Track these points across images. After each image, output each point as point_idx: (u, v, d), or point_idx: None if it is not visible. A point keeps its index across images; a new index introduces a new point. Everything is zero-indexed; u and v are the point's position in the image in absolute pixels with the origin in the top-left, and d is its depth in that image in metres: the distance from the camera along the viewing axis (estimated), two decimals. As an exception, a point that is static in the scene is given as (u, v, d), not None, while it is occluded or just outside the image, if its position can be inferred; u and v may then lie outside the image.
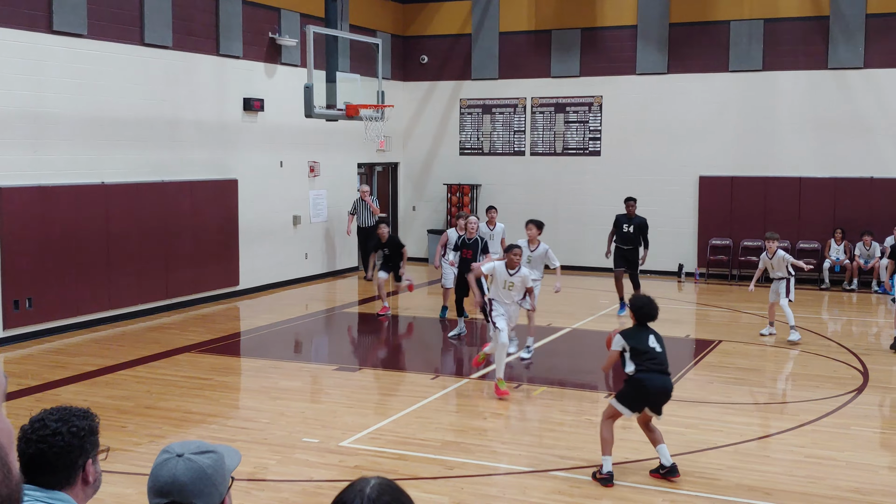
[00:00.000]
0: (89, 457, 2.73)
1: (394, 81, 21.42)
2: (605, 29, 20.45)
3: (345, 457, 8.20)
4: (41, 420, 2.72)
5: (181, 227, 15.50)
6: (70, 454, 2.68)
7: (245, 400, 10.50)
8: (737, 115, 19.53)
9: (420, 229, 22.41)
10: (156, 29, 14.88)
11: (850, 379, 11.15)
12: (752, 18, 19.24)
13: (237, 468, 2.64)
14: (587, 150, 20.83)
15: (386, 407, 9.82)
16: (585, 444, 8.64)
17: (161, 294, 15.20)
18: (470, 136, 21.92)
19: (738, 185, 19.54)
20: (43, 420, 2.72)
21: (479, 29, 21.51)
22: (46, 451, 2.66)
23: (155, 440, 8.58)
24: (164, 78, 15.14)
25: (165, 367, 11.63)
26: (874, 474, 7.84)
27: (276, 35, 17.56)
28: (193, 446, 2.53)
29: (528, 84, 21.20)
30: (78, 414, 2.76)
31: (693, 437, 9.01)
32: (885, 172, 18.55)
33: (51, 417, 2.72)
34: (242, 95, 16.83)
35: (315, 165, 18.91)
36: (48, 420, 2.71)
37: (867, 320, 15.93)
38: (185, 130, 15.64)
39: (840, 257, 18.55)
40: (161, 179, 15.12)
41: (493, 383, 10.40)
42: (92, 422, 2.78)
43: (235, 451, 2.69)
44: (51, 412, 2.75)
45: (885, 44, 18.41)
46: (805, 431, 9.03)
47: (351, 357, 13.38)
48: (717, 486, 7.55)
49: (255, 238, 17.37)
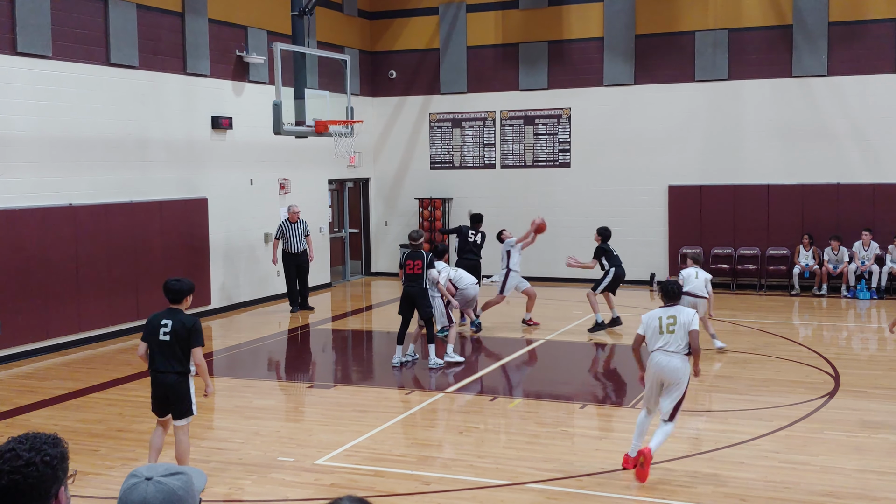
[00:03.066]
0: (62, 484, 2.69)
1: (362, 97, 21.43)
2: (571, 41, 20.58)
3: (321, 475, 8.15)
4: (12, 450, 2.67)
5: (151, 247, 15.38)
6: (44, 484, 2.64)
7: (219, 420, 10.40)
8: (704, 124, 19.71)
9: (392, 244, 22.38)
10: (122, 49, 14.80)
11: (822, 383, 11.24)
12: (716, 28, 19.45)
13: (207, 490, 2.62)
14: (557, 162, 20.92)
15: (361, 424, 9.77)
16: (562, 456, 8.65)
17: (131, 315, 15.06)
18: (440, 150, 21.95)
19: (707, 193, 19.69)
20: (14, 450, 2.67)
21: (446, 43, 21.58)
22: (21, 482, 2.61)
23: (128, 463, 8.48)
24: (131, 98, 15.05)
25: (137, 388, 11.50)
26: (847, 478, 7.90)
27: (243, 53, 17.52)
28: (161, 469, 2.51)
29: (497, 97, 21.28)
30: (48, 442, 2.72)
31: (668, 445, 9.03)
32: (850, 178, 18.77)
33: (21, 447, 2.67)
34: (210, 114, 16.77)
35: (285, 182, 18.85)
36: (19, 450, 2.66)
37: (837, 325, 16.08)
38: (153, 150, 15.55)
39: (809, 263, 18.73)
40: (130, 200, 15.01)
41: None
42: (63, 448, 2.74)
43: (201, 472, 2.68)
44: (20, 441, 2.69)
45: (848, 51, 18.67)
46: (779, 437, 9.09)
47: (325, 374, 13.31)
48: (693, 493, 7.58)
49: (226, 256, 17.28)
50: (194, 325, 7.64)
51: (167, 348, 7.63)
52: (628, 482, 7.84)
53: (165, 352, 7.64)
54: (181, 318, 7.64)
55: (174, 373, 7.63)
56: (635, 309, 17.53)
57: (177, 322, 7.61)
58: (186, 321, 7.62)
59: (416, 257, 12.27)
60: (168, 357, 7.64)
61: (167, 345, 7.62)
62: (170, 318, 7.65)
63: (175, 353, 7.62)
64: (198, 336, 7.64)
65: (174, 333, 7.59)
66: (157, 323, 7.66)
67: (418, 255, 12.28)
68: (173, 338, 7.59)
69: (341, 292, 20.33)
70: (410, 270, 12.26)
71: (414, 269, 12.22)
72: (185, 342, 7.60)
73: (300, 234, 17.23)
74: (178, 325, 7.60)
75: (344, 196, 21.86)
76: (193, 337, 7.61)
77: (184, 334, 7.59)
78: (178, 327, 7.59)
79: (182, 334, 7.59)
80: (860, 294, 18.06)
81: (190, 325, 7.61)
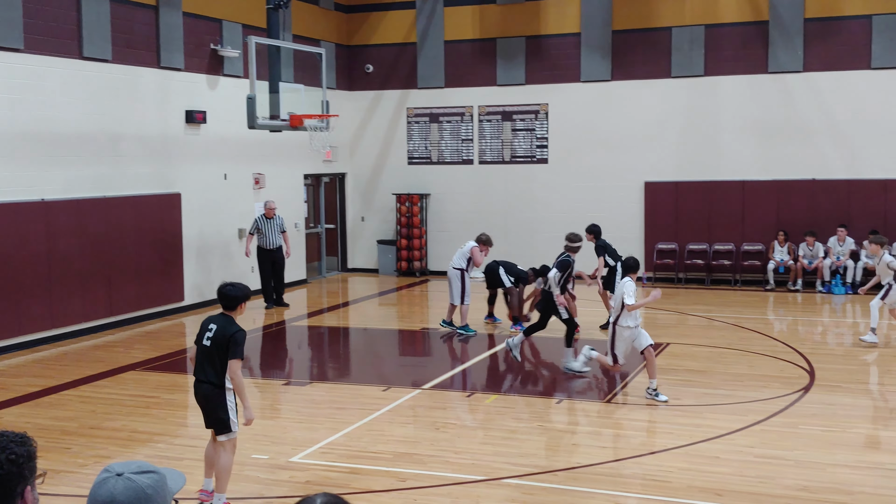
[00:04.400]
0: (28, 483, 2.63)
1: (339, 91, 21.32)
2: (549, 37, 20.57)
3: (295, 472, 8.09)
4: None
5: (124, 242, 15.23)
6: (9, 482, 2.58)
7: (193, 418, 10.30)
8: (680, 120, 19.76)
9: (370, 240, 22.31)
10: (95, 42, 14.63)
11: (797, 378, 11.30)
12: (693, 24, 19.50)
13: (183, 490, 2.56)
14: (535, 158, 20.91)
15: (337, 421, 9.72)
16: (538, 451, 8.63)
17: (104, 311, 14.92)
18: (417, 146, 21.89)
19: (683, 189, 19.75)
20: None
21: (423, 38, 21.51)
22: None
23: (100, 461, 8.38)
24: (104, 92, 14.89)
25: (110, 385, 11.40)
26: (822, 472, 7.94)
27: (217, 46, 17.37)
28: (134, 466, 2.46)
29: (475, 92, 21.23)
30: (15, 440, 2.66)
31: (643, 439, 9.05)
32: (826, 174, 18.88)
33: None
34: (185, 108, 16.62)
35: (260, 177, 18.72)
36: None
37: (812, 320, 16.18)
38: (126, 145, 15.39)
39: (784, 259, 18.83)
40: (103, 195, 14.86)
41: None
42: (30, 447, 2.68)
43: (179, 474, 2.61)
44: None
45: (823, 47, 18.77)
46: (754, 431, 9.11)
47: (300, 371, 13.24)
48: (668, 488, 7.58)
49: (200, 252, 17.14)
50: (234, 336, 7.03)
51: (207, 355, 7.13)
52: (603, 477, 7.83)
53: (205, 358, 7.14)
54: (225, 325, 7.11)
55: (208, 383, 7.13)
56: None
57: (220, 329, 7.10)
58: (228, 329, 7.06)
59: None
60: (206, 364, 7.13)
61: (207, 351, 7.12)
62: (216, 323, 7.17)
63: (213, 362, 7.09)
64: (236, 348, 7.01)
65: (214, 340, 7.08)
66: (206, 326, 7.21)
67: None
68: (213, 345, 7.08)
69: (317, 289, 20.23)
70: None
71: None
72: (223, 351, 7.04)
73: (276, 230, 17.06)
74: (219, 333, 7.08)
75: (320, 191, 21.75)
76: (231, 348, 7.01)
77: (222, 343, 7.04)
78: (219, 334, 7.08)
79: (221, 342, 7.05)
80: (835, 289, 18.17)
81: (230, 335, 7.02)
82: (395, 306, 18.23)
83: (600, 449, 8.67)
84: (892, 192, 18.49)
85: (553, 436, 9.33)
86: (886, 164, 18.50)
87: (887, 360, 12.42)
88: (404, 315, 17.33)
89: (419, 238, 21.53)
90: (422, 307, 18.45)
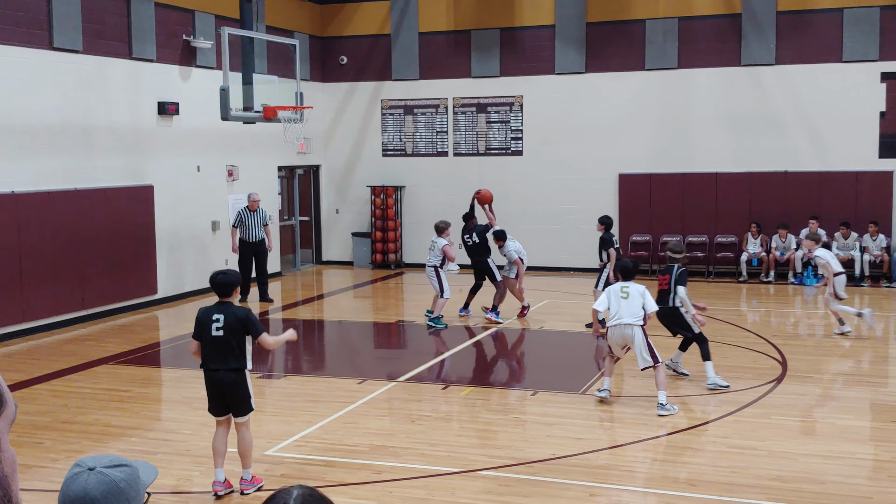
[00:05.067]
0: None
1: (312, 83, 21.22)
2: (523, 29, 20.56)
3: (271, 466, 8.06)
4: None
5: (96, 235, 15.09)
6: None
7: (166, 411, 10.26)
8: (654, 112, 19.83)
9: (344, 232, 22.24)
10: (65, 32, 14.46)
11: (770, 369, 11.39)
12: (666, 17, 19.56)
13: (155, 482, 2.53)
14: (510, 150, 20.92)
15: (312, 414, 9.69)
16: (514, 442, 8.65)
17: (76, 305, 14.78)
18: (392, 138, 21.83)
19: (657, 181, 19.84)
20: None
21: (398, 29, 21.44)
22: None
23: (73, 455, 8.31)
24: (75, 83, 14.73)
25: (83, 380, 11.30)
26: (794, 462, 8.01)
27: (190, 37, 17.23)
28: (106, 460, 2.43)
29: (450, 84, 21.20)
30: None
31: (618, 430, 9.09)
32: (798, 166, 19.03)
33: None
34: (157, 99, 16.47)
35: (233, 169, 18.61)
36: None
37: (785, 311, 16.31)
38: (98, 136, 15.24)
39: (757, 251, 18.97)
40: (74, 187, 14.71)
41: None
42: None
43: (151, 467, 2.59)
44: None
45: (796, 40, 18.89)
46: (727, 422, 9.18)
47: (276, 364, 13.18)
48: (642, 478, 7.62)
49: (173, 245, 17.01)
50: (247, 316, 7.29)
51: (222, 344, 7.25)
52: (579, 468, 7.86)
53: (220, 348, 7.26)
54: (233, 311, 7.28)
55: (230, 370, 7.26)
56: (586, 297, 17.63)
57: (229, 315, 7.24)
58: (238, 313, 7.27)
59: (667, 271, 11.04)
60: (223, 353, 7.25)
61: (221, 340, 7.24)
62: (221, 313, 7.28)
63: (231, 348, 7.23)
64: (255, 325, 7.29)
65: (227, 328, 7.22)
66: (209, 318, 7.29)
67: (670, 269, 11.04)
68: (227, 332, 7.22)
69: (291, 281, 20.16)
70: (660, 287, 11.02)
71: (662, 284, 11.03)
72: (240, 335, 7.24)
73: (259, 223, 16.82)
74: (230, 319, 7.23)
75: (294, 183, 21.65)
76: (251, 328, 7.26)
77: (238, 327, 7.22)
78: (231, 320, 7.22)
79: (236, 327, 7.22)
80: (807, 281, 18.33)
81: (243, 316, 7.26)
82: (370, 299, 18.20)
83: (576, 440, 8.70)
84: (863, 185, 18.67)
85: (528, 427, 9.35)
86: (857, 156, 18.67)
87: (858, 351, 12.55)
88: (379, 308, 17.31)
89: (394, 230, 21.49)
90: (397, 300, 18.43)
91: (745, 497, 7.19)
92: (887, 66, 18.34)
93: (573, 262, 20.25)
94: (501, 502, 7.15)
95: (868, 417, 9.63)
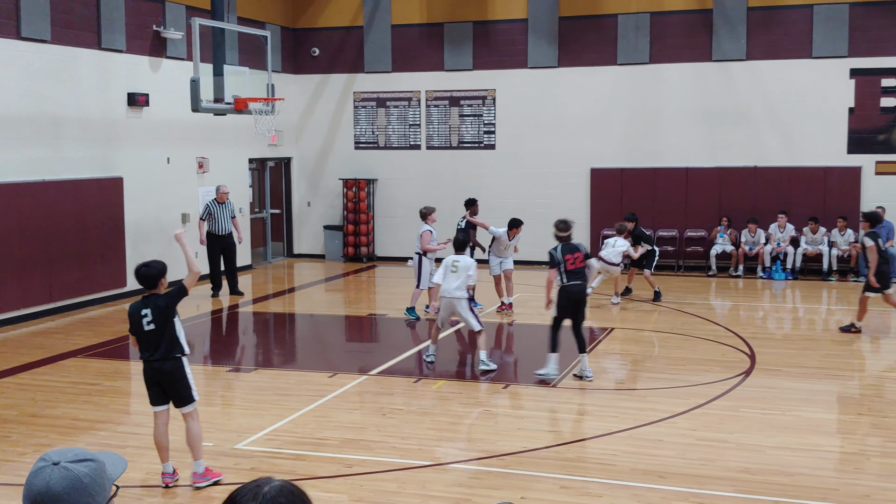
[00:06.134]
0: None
1: (284, 74, 21.11)
2: (496, 22, 20.56)
3: (240, 459, 8.02)
4: None
5: (64, 227, 14.93)
6: None
7: (136, 405, 10.17)
8: (625, 107, 19.90)
9: (315, 225, 22.16)
10: (33, 22, 14.27)
11: (738, 362, 11.48)
12: (638, 12, 19.63)
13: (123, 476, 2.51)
14: (482, 144, 20.93)
15: (283, 407, 9.65)
16: (486, 436, 8.67)
17: (44, 298, 14.63)
18: (364, 130, 21.76)
19: (628, 176, 19.92)
20: None
21: (370, 21, 21.36)
22: None
23: (40, 449, 8.22)
24: (43, 73, 14.55)
25: (51, 373, 11.19)
26: (762, 454, 8.08)
27: (160, 28, 17.07)
28: (71, 454, 2.41)
29: (422, 77, 21.16)
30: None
31: (588, 423, 9.13)
32: (767, 161, 19.19)
33: None
34: (126, 90, 16.31)
35: (204, 161, 18.47)
36: None
37: (753, 305, 16.44)
38: (66, 128, 15.07)
39: (727, 249, 19.09)
40: (42, 179, 14.53)
41: None
42: None
43: (121, 459, 2.56)
44: None
45: (766, 36, 19.03)
46: (696, 415, 9.25)
47: (246, 358, 13.12)
48: (612, 471, 7.66)
49: (143, 237, 16.86)
50: (167, 302, 7.30)
51: (154, 336, 7.31)
52: (549, 461, 7.89)
53: (153, 339, 7.32)
54: (157, 303, 7.31)
55: (166, 359, 7.32)
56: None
57: (154, 308, 7.29)
58: (160, 302, 7.29)
59: (577, 249, 10.89)
60: (157, 344, 7.31)
61: (154, 333, 7.30)
62: (148, 307, 7.32)
63: (162, 338, 7.30)
64: (176, 297, 7.31)
65: (156, 321, 7.29)
66: (138, 315, 7.34)
67: (576, 246, 10.97)
68: (158, 325, 7.29)
69: (262, 274, 20.06)
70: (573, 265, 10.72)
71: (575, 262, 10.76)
72: (169, 323, 7.30)
73: (227, 216, 16.69)
74: (156, 311, 7.29)
75: (265, 176, 21.54)
76: (172, 306, 7.30)
77: (164, 316, 7.27)
78: (157, 313, 7.28)
79: (163, 317, 7.27)
80: (775, 275, 18.50)
81: (164, 305, 7.28)
82: (342, 292, 18.15)
83: (546, 433, 8.73)
84: (832, 180, 18.85)
85: (500, 421, 9.37)
86: (826, 151, 18.85)
87: (826, 345, 12.68)
88: (351, 301, 17.27)
89: (366, 224, 21.44)
90: (369, 293, 18.39)
91: (714, 489, 7.25)
92: (856, 63, 18.53)
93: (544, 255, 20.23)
94: (472, 495, 7.16)
95: (835, 410, 9.74)
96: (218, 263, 16.78)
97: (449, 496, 7.17)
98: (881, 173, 18.63)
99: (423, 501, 7.07)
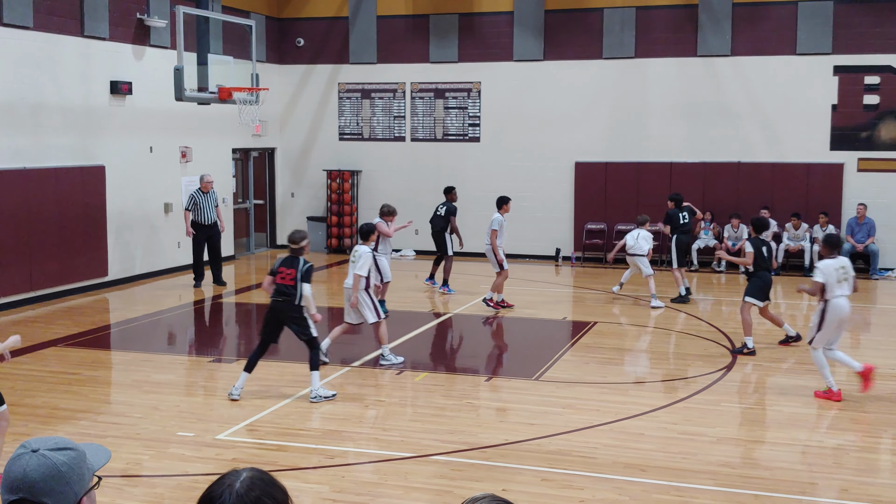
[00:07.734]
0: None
1: (269, 64, 21.01)
2: (482, 15, 20.53)
3: (222, 450, 8.00)
4: None
5: (45, 216, 14.82)
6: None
7: (116, 394, 10.12)
8: (610, 101, 19.92)
9: (299, 217, 22.09)
10: (15, 8, 14.14)
11: (720, 357, 11.54)
12: (624, 6, 19.63)
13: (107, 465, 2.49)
14: (467, 136, 20.91)
15: (265, 398, 9.62)
16: (468, 428, 8.67)
17: (24, 286, 14.52)
18: (349, 122, 21.70)
19: (612, 170, 19.95)
20: None
21: (356, 12, 21.28)
22: None
23: (20, 438, 8.15)
24: (25, 60, 14.42)
25: (30, 362, 11.12)
26: (742, 448, 8.13)
27: (144, 16, 16.94)
28: (52, 442, 2.39)
29: (407, 69, 21.11)
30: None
31: (570, 416, 9.15)
32: (751, 157, 19.26)
33: None
34: (109, 78, 16.19)
35: (187, 151, 18.37)
36: None
37: (735, 300, 16.49)
38: (48, 115, 14.95)
39: (710, 244, 19.16)
40: (23, 166, 14.42)
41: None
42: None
43: (104, 450, 2.53)
44: None
45: (751, 32, 19.08)
46: (677, 409, 9.29)
47: (228, 348, 13.07)
48: (594, 464, 7.68)
49: (125, 227, 16.77)
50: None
51: None
52: (531, 453, 7.90)
53: None
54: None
55: None
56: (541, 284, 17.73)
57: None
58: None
59: (292, 264, 9.74)
60: None
61: None
62: None
63: None
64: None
65: None
66: None
67: (295, 261, 9.78)
68: None
69: (245, 265, 19.99)
70: (281, 280, 9.72)
71: (285, 278, 9.70)
72: None
73: (212, 205, 16.56)
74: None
75: (249, 166, 21.44)
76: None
77: None
78: None
79: None
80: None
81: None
82: (325, 284, 18.10)
83: (528, 426, 8.74)
84: (814, 176, 18.94)
85: (482, 413, 9.37)
86: (809, 148, 18.93)
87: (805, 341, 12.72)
88: (334, 293, 17.22)
89: (350, 215, 21.38)
90: (352, 284, 18.31)
91: (695, 482, 7.29)
92: (840, 60, 18.61)
93: (528, 249, 20.33)
94: (454, 487, 7.17)
95: (815, 405, 9.79)
96: (202, 253, 16.69)
97: (430, 487, 7.17)
98: (863, 170, 18.74)
99: (405, 493, 7.07)
